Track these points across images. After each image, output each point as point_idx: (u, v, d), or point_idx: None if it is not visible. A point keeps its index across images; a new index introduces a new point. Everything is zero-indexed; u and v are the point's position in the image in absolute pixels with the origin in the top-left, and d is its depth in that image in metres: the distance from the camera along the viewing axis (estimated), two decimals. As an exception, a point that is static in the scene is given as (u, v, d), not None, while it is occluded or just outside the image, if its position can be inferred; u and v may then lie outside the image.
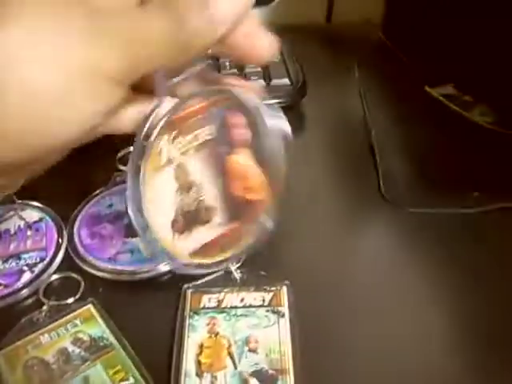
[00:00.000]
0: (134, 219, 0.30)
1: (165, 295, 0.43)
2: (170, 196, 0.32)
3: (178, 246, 0.34)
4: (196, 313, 0.40)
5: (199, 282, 0.42)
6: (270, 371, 0.37)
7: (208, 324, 0.39)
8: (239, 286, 0.42)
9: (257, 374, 0.37)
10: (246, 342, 0.39)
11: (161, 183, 0.31)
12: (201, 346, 0.38)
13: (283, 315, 0.40)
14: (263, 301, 0.41)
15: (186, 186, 0.33)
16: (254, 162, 0.34)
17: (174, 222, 0.33)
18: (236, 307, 0.41)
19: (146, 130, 0.29)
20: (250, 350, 0.38)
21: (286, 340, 0.39)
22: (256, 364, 0.37)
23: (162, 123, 0.29)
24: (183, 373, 0.37)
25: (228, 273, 0.43)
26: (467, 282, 0.44)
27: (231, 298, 0.41)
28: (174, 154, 0.31)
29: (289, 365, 0.37)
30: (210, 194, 0.33)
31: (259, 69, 0.62)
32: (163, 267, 0.44)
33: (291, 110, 0.61)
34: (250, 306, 0.41)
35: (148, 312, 0.42)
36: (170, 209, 0.33)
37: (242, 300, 0.41)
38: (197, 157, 0.32)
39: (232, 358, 0.38)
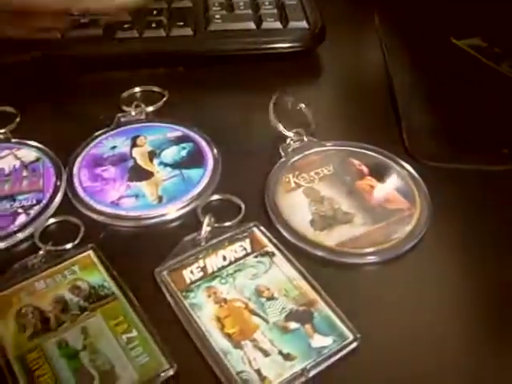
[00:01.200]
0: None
1: (171, 243, 0.39)
2: (304, 206, 0.42)
3: (321, 238, 0.39)
4: (188, 291, 0.37)
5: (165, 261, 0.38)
6: (301, 308, 0.35)
7: (209, 295, 0.36)
8: (210, 247, 0.39)
9: (291, 316, 0.35)
10: (259, 293, 0.36)
11: (293, 199, 0.42)
12: (218, 320, 0.35)
13: (273, 254, 0.38)
14: (245, 249, 0.39)
15: (318, 200, 0.42)
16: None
17: (312, 222, 0.40)
18: (223, 267, 0.38)
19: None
20: (268, 299, 0.36)
21: (293, 274, 0.37)
22: (283, 308, 0.35)
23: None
24: (220, 353, 0.33)
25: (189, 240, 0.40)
26: (491, 245, 0.40)
27: (211, 261, 0.38)
28: (301, 183, 0.43)
29: (312, 294, 0.36)
30: (346, 204, 0.42)
31: (275, 10, 0.57)
32: (170, 213, 0.41)
33: (307, 55, 0.57)
34: (237, 260, 0.38)
35: (153, 260, 0.38)
36: (306, 213, 0.41)
37: (224, 258, 0.38)
38: (322, 183, 0.43)
39: (257, 314, 0.35)
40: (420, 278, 0.39)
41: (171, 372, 0.33)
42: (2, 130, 0.48)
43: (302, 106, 0.49)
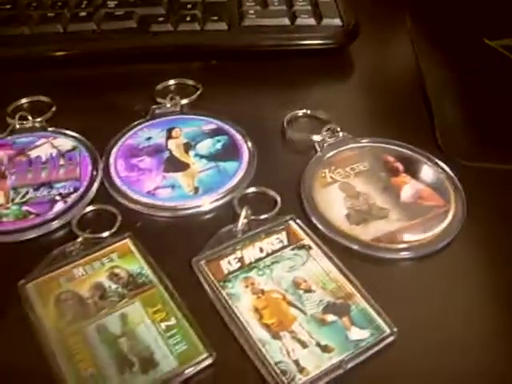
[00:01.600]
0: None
1: (206, 234, 0.40)
2: (340, 200, 0.42)
3: (356, 232, 0.40)
4: (226, 281, 0.37)
5: (202, 251, 0.39)
6: (338, 301, 0.36)
7: (247, 286, 0.37)
8: (247, 239, 0.39)
9: (328, 309, 0.35)
10: (296, 285, 0.36)
11: (328, 193, 0.42)
12: (257, 310, 0.35)
13: (310, 247, 0.39)
14: (281, 242, 0.39)
15: (353, 195, 0.42)
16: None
17: (347, 216, 0.41)
18: (261, 259, 0.38)
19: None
20: (305, 292, 0.36)
21: (330, 267, 0.38)
22: (321, 301, 0.36)
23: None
24: (259, 343, 0.33)
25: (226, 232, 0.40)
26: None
27: (249, 252, 0.38)
28: (337, 178, 0.43)
29: (349, 288, 0.36)
30: (381, 200, 0.42)
31: (309, 7, 0.57)
32: (205, 205, 0.41)
33: (340, 52, 0.57)
34: (274, 252, 0.38)
35: (189, 250, 0.38)
36: (341, 207, 0.41)
37: (261, 250, 0.39)
38: (357, 179, 0.43)
39: (295, 306, 0.35)
40: (454, 275, 0.39)
41: (210, 360, 0.33)
42: (39, 119, 0.49)
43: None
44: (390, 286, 0.38)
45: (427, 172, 0.44)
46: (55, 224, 0.41)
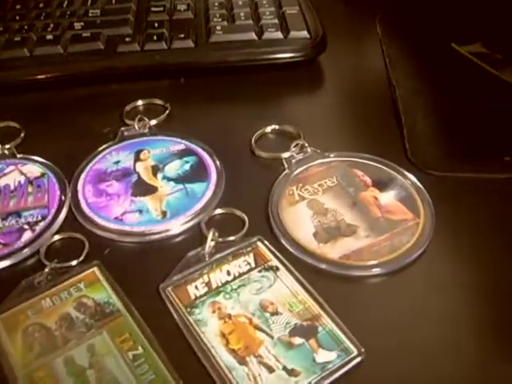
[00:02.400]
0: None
1: (175, 258, 0.40)
2: (307, 218, 0.42)
3: (325, 250, 0.40)
4: (193, 307, 0.37)
5: (169, 277, 0.39)
6: (305, 323, 0.36)
7: (214, 311, 0.37)
8: (215, 262, 0.39)
9: (295, 331, 0.35)
10: (263, 308, 0.37)
11: (296, 212, 0.42)
12: (223, 335, 0.35)
13: (277, 268, 0.39)
14: (249, 264, 0.39)
15: (322, 212, 0.42)
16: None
17: (315, 234, 0.41)
18: (228, 282, 0.38)
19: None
20: (272, 314, 0.36)
21: (297, 288, 0.37)
22: (287, 323, 0.36)
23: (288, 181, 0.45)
24: (225, 368, 0.34)
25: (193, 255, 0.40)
26: (496, 254, 0.40)
27: (216, 276, 0.38)
28: (305, 195, 0.43)
29: (316, 309, 0.36)
30: (349, 215, 0.42)
31: (276, 20, 0.57)
32: (173, 228, 0.41)
33: (309, 64, 0.57)
34: (241, 275, 0.38)
35: (158, 275, 0.38)
36: (309, 226, 0.41)
37: (228, 273, 0.39)
38: (326, 195, 0.43)
39: (261, 329, 0.35)
40: (425, 289, 0.39)
41: (177, 389, 0.33)
42: (8, 146, 0.48)
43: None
44: (359, 303, 0.38)
45: (396, 185, 0.44)
46: (24, 253, 0.41)
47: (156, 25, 0.57)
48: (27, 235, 0.42)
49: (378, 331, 0.36)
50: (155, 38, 0.55)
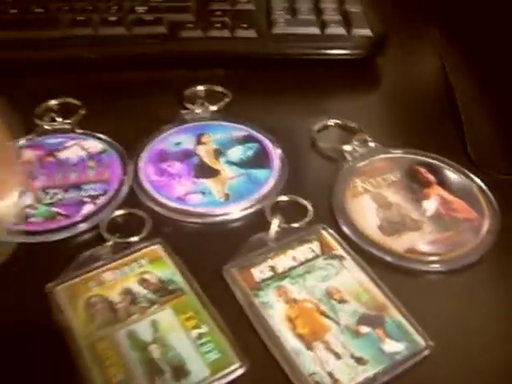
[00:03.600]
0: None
1: (236, 241, 0.39)
2: (372, 211, 0.41)
3: (389, 243, 0.39)
4: (258, 289, 0.36)
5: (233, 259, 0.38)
6: (372, 312, 0.35)
7: (280, 295, 0.36)
8: (279, 247, 0.39)
9: (363, 320, 0.35)
10: (329, 295, 0.36)
11: (360, 203, 0.42)
12: (290, 319, 0.35)
13: (343, 257, 0.38)
14: (313, 251, 0.38)
15: (386, 206, 0.42)
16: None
17: (380, 227, 0.40)
18: (293, 267, 0.37)
19: None
20: (338, 302, 0.35)
21: (363, 278, 0.37)
22: (354, 312, 0.35)
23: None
24: (292, 353, 0.33)
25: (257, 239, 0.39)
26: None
27: (281, 261, 0.38)
28: (369, 188, 0.43)
29: (383, 299, 0.36)
30: (413, 211, 0.41)
31: (339, 17, 0.57)
32: (236, 212, 0.41)
33: (367, 63, 0.57)
34: (307, 261, 0.38)
35: (220, 257, 0.38)
36: (374, 218, 0.41)
37: (293, 258, 0.38)
38: (389, 189, 0.43)
39: (328, 316, 0.35)
40: (488, 289, 0.38)
41: (242, 370, 0.32)
42: (68, 121, 0.48)
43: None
44: (423, 298, 0.37)
45: (459, 184, 0.44)
46: (84, 226, 0.41)
47: (218, 13, 0.57)
48: (88, 208, 0.41)
49: (443, 326, 0.35)
50: (218, 25, 0.55)
